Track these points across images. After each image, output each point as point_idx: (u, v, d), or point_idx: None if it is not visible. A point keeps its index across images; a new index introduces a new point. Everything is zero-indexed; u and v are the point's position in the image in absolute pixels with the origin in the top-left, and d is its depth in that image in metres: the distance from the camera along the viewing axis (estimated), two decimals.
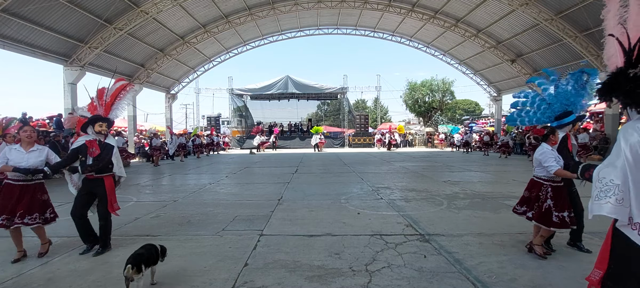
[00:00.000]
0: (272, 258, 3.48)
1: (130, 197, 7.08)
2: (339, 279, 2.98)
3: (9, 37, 13.02)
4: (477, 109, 50.01)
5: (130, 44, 18.62)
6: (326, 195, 7.01)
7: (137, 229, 4.65)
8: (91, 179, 3.79)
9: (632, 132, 1.59)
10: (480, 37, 21.78)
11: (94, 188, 3.80)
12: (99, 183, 3.79)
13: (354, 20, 25.13)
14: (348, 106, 33.15)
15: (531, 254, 3.50)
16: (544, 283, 2.88)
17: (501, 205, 5.81)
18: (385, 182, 8.90)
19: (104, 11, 15.19)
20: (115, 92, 3.97)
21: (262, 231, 4.45)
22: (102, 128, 3.82)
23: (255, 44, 26.74)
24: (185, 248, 3.82)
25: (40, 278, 3.08)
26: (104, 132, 3.85)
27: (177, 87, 26.72)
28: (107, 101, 3.91)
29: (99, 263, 3.42)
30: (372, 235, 4.21)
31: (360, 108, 46.45)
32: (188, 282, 2.96)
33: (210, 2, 19.09)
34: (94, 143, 3.75)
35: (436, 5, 20.83)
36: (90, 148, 3.72)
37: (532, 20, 17.15)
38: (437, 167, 12.73)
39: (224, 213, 5.53)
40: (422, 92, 36.47)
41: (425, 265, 3.27)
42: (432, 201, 6.30)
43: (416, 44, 26.87)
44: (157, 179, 10.35)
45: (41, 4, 12.42)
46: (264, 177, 10.19)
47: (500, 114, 27.36)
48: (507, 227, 4.47)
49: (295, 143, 30.15)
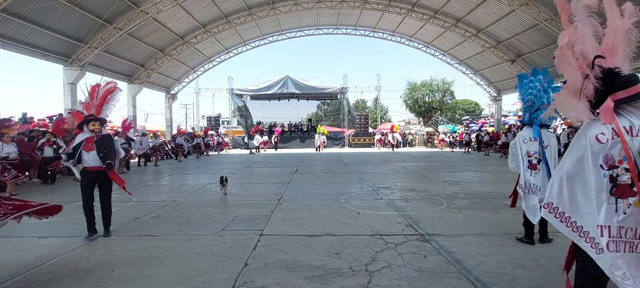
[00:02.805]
0: (272, 258, 3.48)
1: (130, 197, 7.08)
2: (339, 279, 2.98)
3: (9, 37, 13.02)
4: (477, 109, 50.01)
5: (130, 44, 18.62)
6: (326, 195, 7.01)
7: (137, 229, 4.65)
8: (92, 171, 4.27)
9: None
10: (480, 37, 21.78)
11: (96, 177, 4.31)
12: (100, 174, 4.28)
13: (353, 20, 25.13)
14: (348, 106, 33.15)
15: (531, 254, 3.50)
16: (544, 283, 2.88)
17: (501, 205, 5.81)
18: (385, 182, 8.90)
19: (104, 11, 15.19)
20: (104, 95, 4.47)
21: (262, 231, 4.45)
22: (95, 127, 4.29)
23: (255, 44, 26.74)
24: (185, 248, 3.81)
25: (40, 278, 3.08)
26: (97, 130, 4.31)
27: (177, 87, 26.73)
28: (97, 103, 4.43)
29: (99, 263, 3.42)
30: (372, 235, 4.21)
31: (360, 108, 46.46)
32: (188, 282, 2.96)
33: (210, 2, 19.09)
34: (90, 140, 4.25)
35: (436, 5, 20.83)
36: (87, 144, 4.24)
37: (532, 20, 17.15)
38: (437, 167, 12.73)
39: (224, 213, 5.53)
40: (422, 92, 36.47)
41: (425, 265, 3.27)
42: (432, 201, 6.30)
43: (416, 44, 26.86)
44: (156, 179, 10.35)
45: (41, 4, 12.42)
46: (264, 177, 10.19)
47: (500, 114, 27.37)
48: (507, 227, 4.46)
49: (296, 143, 30.15)
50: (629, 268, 1.59)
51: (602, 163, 1.66)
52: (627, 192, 1.60)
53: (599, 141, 1.67)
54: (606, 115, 1.65)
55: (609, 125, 1.65)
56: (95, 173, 4.28)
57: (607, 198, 1.65)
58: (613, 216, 1.63)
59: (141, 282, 2.99)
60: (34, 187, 9.03)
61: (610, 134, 1.65)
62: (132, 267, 3.30)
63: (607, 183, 1.65)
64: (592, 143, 1.69)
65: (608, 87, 1.66)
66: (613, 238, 1.63)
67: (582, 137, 1.75)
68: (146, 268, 3.28)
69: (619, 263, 1.61)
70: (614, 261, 1.62)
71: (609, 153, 1.65)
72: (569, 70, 1.76)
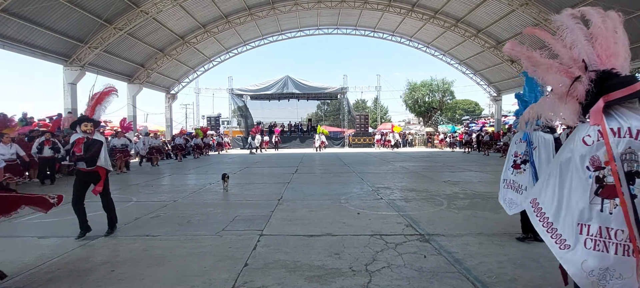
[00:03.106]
0: (272, 259, 3.48)
1: (130, 197, 7.09)
2: (339, 279, 2.98)
3: (9, 37, 13.02)
4: (477, 109, 50.01)
5: (130, 44, 18.62)
6: (326, 195, 7.01)
7: (136, 229, 4.65)
8: (85, 171, 4.30)
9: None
10: (480, 37, 21.78)
11: (90, 178, 4.35)
12: (93, 174, 4.35)
13: (354, 20, 25.13)
14: (348, 106, 33.15)
15: (531, 254, 3.50)
16: (544, 283, 2.88)
17: (501, 205, 5.80)
18: (385, 182, 8.90)
19: (104, 11, 15.18)
20: (99, 97, 4.52)
21: (262, 231, 4.45)
22: (87, 127, 4.33)
23: (255, 44, 26.74)
24: (185, 248, 3.81)
25: (40, 278, 3.08)
26: (89, 131, 4.34)
27: (177, 87, 26.73)
28: (90, 104, 4.48)
29: (99, 263, 3.42)
30: (372, 235, 4.21)
31: (360, 108, 46.45)
32: (188, 282, 2.96)
33: (210, 2, 19.09)
34: (81, 141, 4.28)
35: (436, 5, 20.84)
36: (78, 145, 4.28)
37: (532, 20, 17.14)
38: (437, 167, 12.73)
39: (224, 213, 5.53)
40: (422, 92, 36.46)
41: (425, 265, 3.27)
42: (432, 201, 6.30)
43: (416, 44, 26.87)
44: (156, 179, 10.35)
45: (41, 4, 12.42)
46: (264, 177, 10.19)
47: (500, 114, 27.38)
48: (507, 227, 4.46)
49: (296, 143, 30.15)
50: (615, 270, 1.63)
51: (588, 165, 1.71)
52: (613, 193, 1.63)
53: (585, 143, 1.73)
54: (595, 117, 1.69)
55: (596, 127, 1.69)
56: (87, 174, 4.32)
57: (591, 198, 1.70)
58: (597, 216, 1.68)
59: (141, 282, 2.99)
60: (34, 187, 9.02)
61: (596, 135, 1.69)
62: (132, 267, 3.30)
63: (593, 184, 1.70)
64: (579, 145, 1.75)
65: (600, 88, 1.70)
66: (591, 237, 1.69)
67: (572, 139, 1.82)
68: (146, 268, 3.28)
69: (590, 263, 1.66)
70: (586, 257, 1.68)
71: (596, 155, 1.69)
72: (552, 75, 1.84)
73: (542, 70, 1.87)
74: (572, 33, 1.79)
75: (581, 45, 1.77)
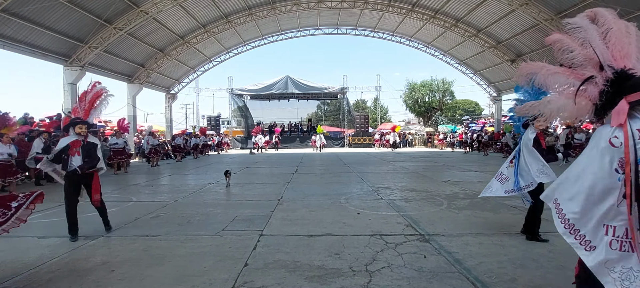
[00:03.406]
0: (272, 259, 3.48)
1: (130, 197, 7.08)
2: (339, 279, 2.98)
3: (9, 37, 13.00)
4: (477, 109, 49.99)
5: (130, 44, 18.60)
6: (326, 195, 7.00)
7: (136, 229, 4.64)
8: (80, 175, 4.22)
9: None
10: (480, 37, 21.77)
11: (81, 180, 4.29)
12: (87, 177, 4.30)
13: (354, 20, 25.11)
14: (348, 106, 33.15)
15: (531, 254, 3.50)
16: (544, 283, 2.88)
17: (501, 205, 5.81)
18: (385, 182, 8.90)
19: (104, 11, 15.17)
20: (92, 98, 4.43)
21: (262, 231, 4.45)
22: (81, 130, 4.26)
23: (255, 44, 26.70)
24: (185, 248, 3.81)
25: (40, 278, 3.08)
26: (84, 133, 4.29)
27: (177, 87, 26.69)
28: (85, 107, 4.40)
29: (99, 263, 3.42)
30: (372, 235, 4.21)
31: (360, 108, 46.43)
32: (188, 282, 2.96)
33: (210, 2, 19.07)
34: (77, 143, 4.22)
35: (436, 5, 20.82)
36: (73, 148, 4.18)
37: (532, 20, 17.14)
38: (437, 167, 12.73)
39: (224, 213, 5.53)
40: (422, 92, 36.45)
41: (425, 265, 3.27)
42: (432, 201, 6.30)
43: (416, 44, 26.84)
44: (156, 179, 10.35)
45: (41, 4, 12.40)
46: (264, 177, 10.19)
47: (500, 114, 27.35)
48: (507, 227, 4.46)
49: (296, 143, 30.15)
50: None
51: (617, 167, 1.66)
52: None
53: (612, 145, 1.67)
54: (619, 117, 1.64)
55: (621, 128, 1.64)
56: (82, 177, 4.27)
57: (618, 200, 1.66)
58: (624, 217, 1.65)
59: (141, 282, 2.99)
60: (34, 187, 9.02)
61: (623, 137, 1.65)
62: (132, 267, 3.30)
63: (621, 187, 1.65)
64: (607, 147, 1.69)
65: (618, 89, 1.66)
66: (617, 238, 1.67)
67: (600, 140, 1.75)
68: (146, 268, 3.28)
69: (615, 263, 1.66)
70: (609, 257, 1.67)
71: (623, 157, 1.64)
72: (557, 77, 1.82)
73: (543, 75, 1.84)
74: (587, 33, 1.76)
75: (596, 44, 1.73)
